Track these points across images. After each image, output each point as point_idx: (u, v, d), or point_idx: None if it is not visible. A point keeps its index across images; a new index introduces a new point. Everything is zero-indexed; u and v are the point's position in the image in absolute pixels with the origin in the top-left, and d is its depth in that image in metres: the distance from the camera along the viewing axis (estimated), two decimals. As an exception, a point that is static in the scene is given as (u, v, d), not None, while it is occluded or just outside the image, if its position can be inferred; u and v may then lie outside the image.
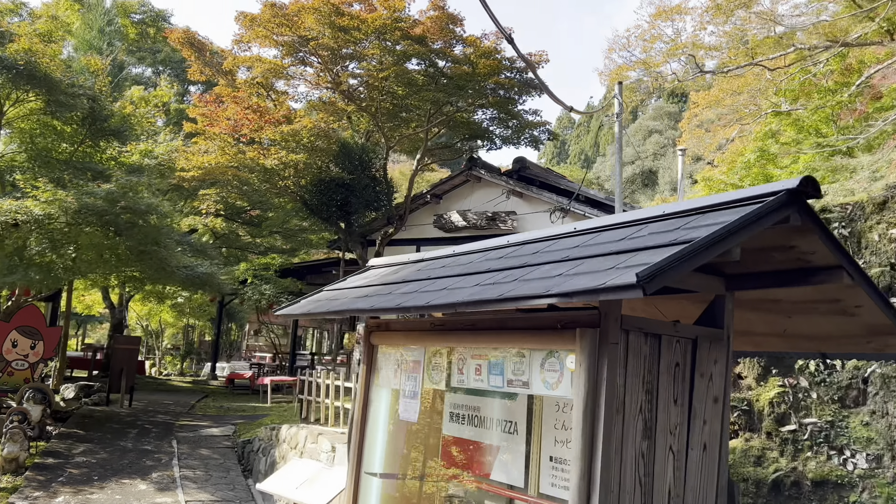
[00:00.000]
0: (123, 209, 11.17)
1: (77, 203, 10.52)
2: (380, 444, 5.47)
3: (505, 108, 17.67)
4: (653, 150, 53.25)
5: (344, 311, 4.88)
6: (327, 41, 17.21)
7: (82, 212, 10.80)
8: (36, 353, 13.35)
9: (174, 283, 12.95)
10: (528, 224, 18.30)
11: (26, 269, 11.04)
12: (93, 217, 10.89)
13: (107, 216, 11.00)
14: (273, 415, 13.70)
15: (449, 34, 17.58)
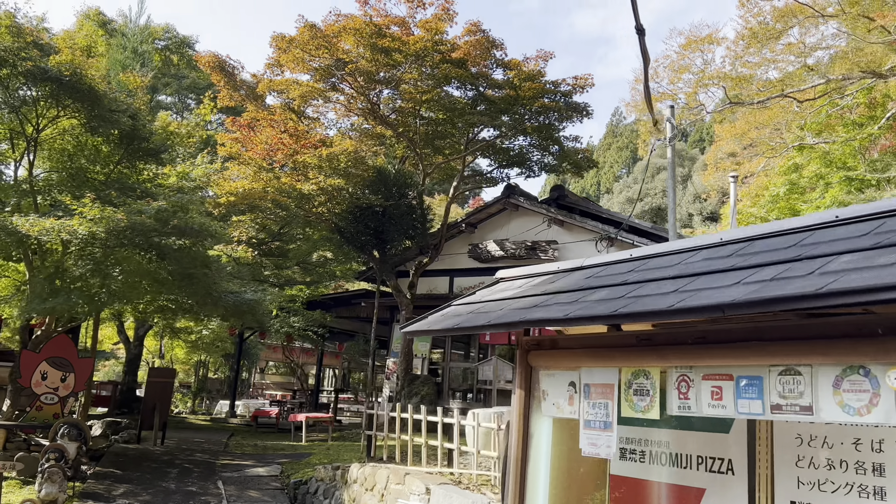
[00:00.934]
0: (174, 229, 10.40)
1: (127, 220, 9.75)
2: (542, 488, 4.66)
3: (547, 134, 17.04)
4: (661, 188, 52.87)
5: (512, 324, 4.08)
6: (364, 64, 16.64)
7: (127, 232, 10.03)
8: (66, 387, 12.47)
9: (217, 312, 12.13)
10: (569, 254, 17.60)
11: (68, 294, 10.22)
12: (140, 237, 10.12)
13: (156, 236, 10.23)
14: (318, 453, 12.83)
15: (489, 58, 17.06)
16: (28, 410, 12.25)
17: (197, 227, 10.88)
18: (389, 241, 17.34)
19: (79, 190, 11.96)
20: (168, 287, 11.27)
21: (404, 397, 17.08)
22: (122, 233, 10.07)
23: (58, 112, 11.58)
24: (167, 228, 10.31)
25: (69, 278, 10.56)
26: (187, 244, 10.98)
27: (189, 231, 10.69)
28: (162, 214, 10.35)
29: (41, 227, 9.82)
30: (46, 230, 9.81)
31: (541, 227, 18.03)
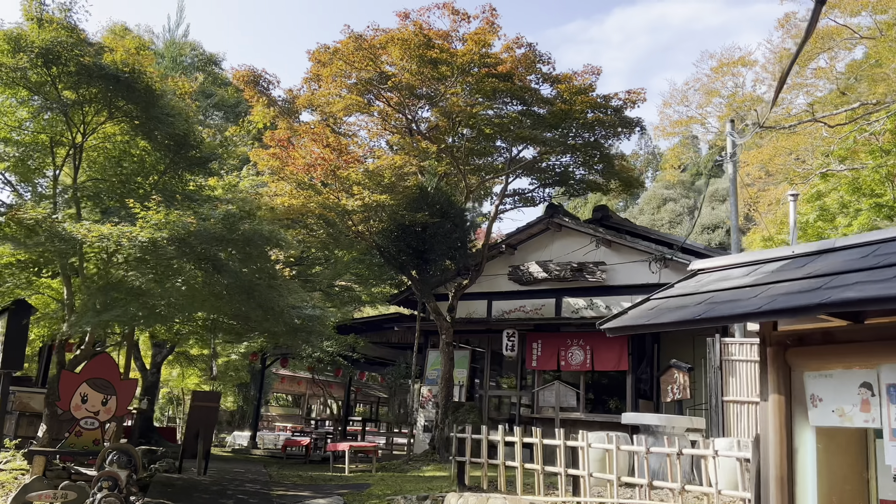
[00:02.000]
0: (241, 236, 9.61)
1: (196, 225, 8.97)
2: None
3: (594, 150, 16.43)
4: (668, 218, 52.40)
5: (805, 308, 3.33)
6: (407, 78, 16.05)
7: (190, 238, 9.24)
8: (108, 410, 11.53)
9: (278, 328, 11.26)
10: (618, 275, 16.94)
11: (126, 306, 9.39)
12: (204, 244, 9.32)
13: (218, 245, 9.43)
14: (375, 484, 11.95)
15: (535, 72, 16.50)
16: (66, 436, 11.31)
17: (266, 234, 10.09)
18: (431, 261, 16.58)
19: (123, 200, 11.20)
20: (226, 301, 10.42)
21: (448, 426, 16.22)
22: (184, 240, 9.28)
23: (109, 114, 10.81)
24: (234, 235, 9.52)
25: (124, 289, 9.73)
26: (253, 254, 10.19)
27: (257, 238, 9.90)
28: (231, 218, 9.58)
29: (98, 233, 9.03)
30: (104, 236, 9.01)
31: (587, 247, 17.35)
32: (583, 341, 16.08)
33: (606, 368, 15.59)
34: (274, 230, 10.57)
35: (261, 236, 9.99)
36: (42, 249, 9.33)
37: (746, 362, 12.05)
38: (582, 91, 15.95)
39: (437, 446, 16.63)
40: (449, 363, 17.11)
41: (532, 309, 17.99)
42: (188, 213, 9.26)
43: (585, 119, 15.71)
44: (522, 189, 18.47)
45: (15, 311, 11.02)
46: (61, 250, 9.20)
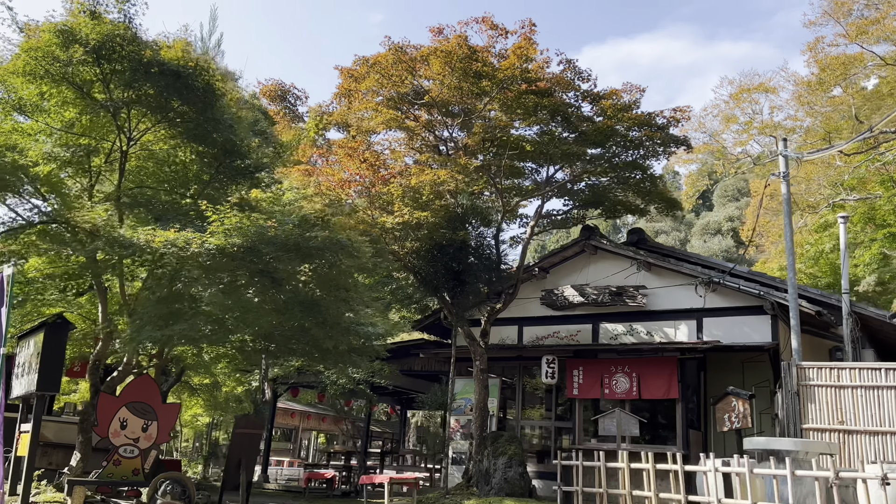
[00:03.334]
0: (319, 244, 8.83)
1: (275, 230, 8.20)
2: None
3: (639, 169, 15.91)
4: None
5: None
6: (445, 94, 15.48)
7: (261, 246, 8.46)
8: (148, 437, 10.63)
9: (342, 348, 10.42)
10: (659, 300, 16.37)
11: (192, 319, 8.56)
12: (280, 253, 8.54)
13: (295, 252, 8.65)
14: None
15: (574, 89, 16.02)
16: (104, 465, 10.38)
17: (344, 242, 9.31)
18: (467, 283, 15.87)
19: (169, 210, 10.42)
20: (288, 315, 9.57)
21: (487, 457, 15.40)
22: (253, 247, 8.50)
23: (161, 117, 10.04)
24: (311, 243, 8.73)
25: (185, 301, 8.90)
26: (325, 264, 9.40)
27: (332, 247, 9.12)
28: (307, 222, 8.82)
29: (164, 239, 8.24)
30: (170, 241, 8.22)
31: (627, 271, 16.76)
32: (628, 368, 15.39)
33: (655, 396, 14.88)
34: (353, 237, 9.78)
35: (338, 245, 9.20)
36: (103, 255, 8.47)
37: (826, 387, 11.44)
38: (625, 108, 15.47)
39: (473, 479, 15.76)
40: (483, 391, 16.33)
41: (567, 335, 17.32)
42: (262, 217, 8.48)
43: (630, 137, 15.20)
44: (555, 210, 17.89)
45: (53, 327, 10.16)
46: (119, 256, 8.38)
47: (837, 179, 27.74)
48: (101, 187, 10.77)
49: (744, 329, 15.37)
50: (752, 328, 15.32)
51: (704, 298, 15.74)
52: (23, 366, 10.75)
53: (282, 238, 8.54)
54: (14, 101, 9.75)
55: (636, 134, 15.19)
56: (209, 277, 8.71)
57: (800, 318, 13.74)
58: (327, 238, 9.08)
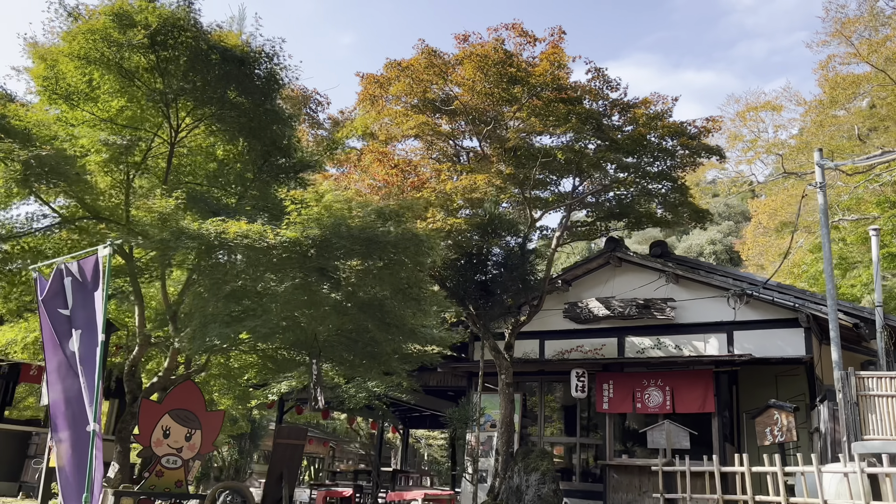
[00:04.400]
0: (394, 238, 8.35)
1: (357, 221, 7.73)
2: None
3: (669, 180, 15.71)
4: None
5: None
6: (474, 100, 15.20)
7: (335, 240, 7.99)
8: (192, 447, 10.02)
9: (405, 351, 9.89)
10: (687, 313, 16.10)
11: (265, 315, 8.03)
12: (357, 246, 8.06)
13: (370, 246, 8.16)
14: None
15: (603, 98, 15.83)
16: (146, 476, 9.75)
17: (422, 236, 8.84)
18: (494, 294, 15.46)
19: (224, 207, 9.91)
20: (350, 315, 9.04)
21: (518, 473, 14.92)
22: (327, 240, 8.02)
23: (217, 108, 9.55)
24: (388, 238, 8.25)
25: (252, 297, 8.37)
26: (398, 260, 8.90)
27: (407, 241, 8.62)
28: (384, 213, 8.36)
29: (238, 230, 7.73)
30: (244, 233, 7.72)
31: (654, 283, 16.50)
32: (661, 381, 15.06)
33: (690, 410, 14.54)
34: (428, 230, 9.32)
35: (414, 240, 8.74)
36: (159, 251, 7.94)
37: (889, 398, 11.19)
38: (658, 117, 15.29)
39: (500, 496, 15.26)
40: (509, 406, 15.88)
41: (591, 349, 16.97)
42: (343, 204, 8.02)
43: (663, 146, 15.00)
44: (578, 222, 17.60)
45: (94, 329, 9.52)
46: (187, 249, 7.84)
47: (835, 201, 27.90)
48: (139, 182, 10.22)
49: (776, 342, 15.14)
50: (784, 341, 15.09)
51: (736, 311, 15.49)
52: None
53: (356, 231, 8.06)
54: (63, 88, 9.20)
55: (670, 143, 14.96)
56: (279, 273, 8.19)
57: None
58: (406, 231, 8.62)
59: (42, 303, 6.09)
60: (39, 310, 6.16)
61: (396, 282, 9.04)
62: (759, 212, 27.75)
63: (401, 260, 8.71)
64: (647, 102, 15.28)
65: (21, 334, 10.37)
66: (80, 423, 5.67)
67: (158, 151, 10.04)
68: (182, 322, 9.20)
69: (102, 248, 5.78)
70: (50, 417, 5.91)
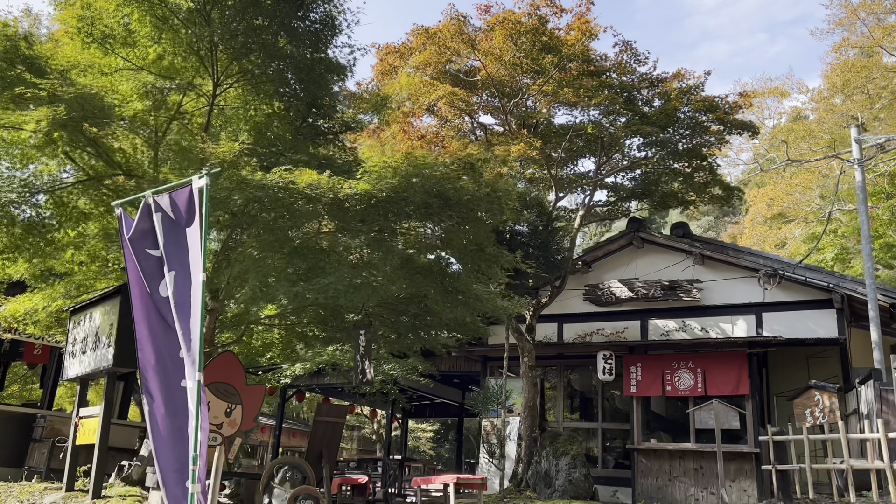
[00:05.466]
0: (474, 193, 7.65)
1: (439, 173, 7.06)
2: None
3: (699, 157, 15.26)
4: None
5: None
6: (501, 72, 14.63)
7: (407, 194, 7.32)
8: (232, 423, 9.26)
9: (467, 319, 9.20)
10: (714, 295, 15.69)
11: (337, 271, 7.32)
12: (433, 199, 7.38)
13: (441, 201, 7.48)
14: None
15: (631, 72, 15.37)
16: (186, 454, 9.00)
17: (500, 192, 8.16)
18: (522, 273, 14.89)
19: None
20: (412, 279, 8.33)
21: (546, 458, 14.38)
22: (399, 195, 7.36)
23: (265, 58, 8.82)
24: (463, 196, 7.57)
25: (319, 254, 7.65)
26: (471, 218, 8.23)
27: (484, 198, 7.94)
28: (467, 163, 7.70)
29: (309, 180, 7.04)
30: (315, 184, 7.03)
31: (680, 264, 16.07)
32: (692, 363, 14.62)
33: (723, 393, 14.07)
34: (509, 188, 8.64)
35: (490, 197, 8.05)
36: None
37: (950, 375, 10.83)
38: (689, 91, 14.85)
39: (526, 482, 14.70)
40: (533, 389, 15.35)
41: (612, 332, 16.49)
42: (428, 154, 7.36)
43: (699, 120, 14.55)
44: (599, 202, 17.10)
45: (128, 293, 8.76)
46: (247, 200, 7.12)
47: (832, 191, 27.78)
48: (175, 137, 9.45)
49: (808, 324, 14.78)
50: (816, 323, 14.73)
51: (765, 292, 15.11)
52: (83, 341, 9.29)
53: (431, 183, 7.40)
54: (99, 30, 8.42)
55: (704, 118, 14.51)
56: (351, 228, 7.51)
57: (868, 312, 13.25)
58: (485, 186, 7.97)
59: (128, 242, 5.36)
60: (125, 251, 5.42)
61: (467, 242, 8.40)
62: (758, 201, 27.51)
63: (475, 216, 8.06)
64: (679, 76, 14.84)
65: (42, 303, 9.54)
66: (173, 377, 4.97)
67: (196, 106, 9.29)
68: (231, 285, 8.46)
69: (197, 179, 5.09)
70: (139, 373, 5.18)
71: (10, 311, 9.68)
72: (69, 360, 9.65)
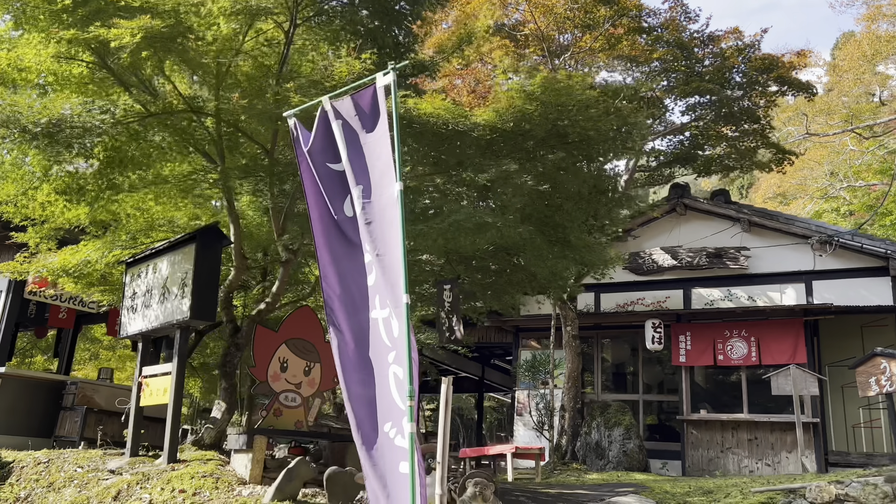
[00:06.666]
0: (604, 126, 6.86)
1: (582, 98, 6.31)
2: None
3: (752, 118, 14.73)
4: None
5: None
6: (551, 26, 13.97)
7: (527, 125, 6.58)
8: (311, 382, 8.55)
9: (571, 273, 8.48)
10: (761, 262, 15.22)
11: (460, 209, 6.58)
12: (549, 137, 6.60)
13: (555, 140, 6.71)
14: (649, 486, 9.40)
15: (682, 30, 14.79)
16: (263, 415, 8.28)
17: (630, 120, 7.29)
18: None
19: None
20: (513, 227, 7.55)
21: (596, 429, 13.85)
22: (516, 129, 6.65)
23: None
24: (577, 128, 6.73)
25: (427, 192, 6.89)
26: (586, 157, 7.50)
27: (612, 134, 7.15)
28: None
29: (433, 108, 6.28)
30: (436, 111, 6.28)
31: (726, 231, 15.56)
32: (745, 332, 14.15)
33: (778, 362, 13.59)
34: (641, 123, 7.84)
35: (620, 132, 7.27)
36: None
37: None
38: (743, 50, 14.31)
39: (572, 453, 14.15)
40: (576, 359, 14.79)
41: (654, 301, 15.96)
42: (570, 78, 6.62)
43: (756, 79, 14.01)
44: (640, 166, 16.52)
45: (206, 239, 8.00)
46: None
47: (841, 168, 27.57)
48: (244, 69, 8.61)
49: (860, 292, 14.36)
50: (869, 291, 14.31)
51: (815, 259, 14.68)
52: (146, 294, 8.46)
53: (553, 117, 6.67)
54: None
55: (762, 77, 13.97)
56: (477, 161, 6.75)
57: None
58: (619, 118, 7.20)
59: (307, 156, 4.58)
60: (302, 168, 4.64)
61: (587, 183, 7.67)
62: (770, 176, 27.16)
63: (599, 150, 7.31)
64: (736, 32, 14.26)
65: (97, 253, 8.70)
66: (361, 307, 4.25)
67: (270, 37, 8.47)
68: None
69: (382, 76, 4.35)
70: (325, 304, 4.43)
71: (60, 262, 8.83)
72: (127, 315, 8.83)
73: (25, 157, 7.27)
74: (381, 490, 3.99)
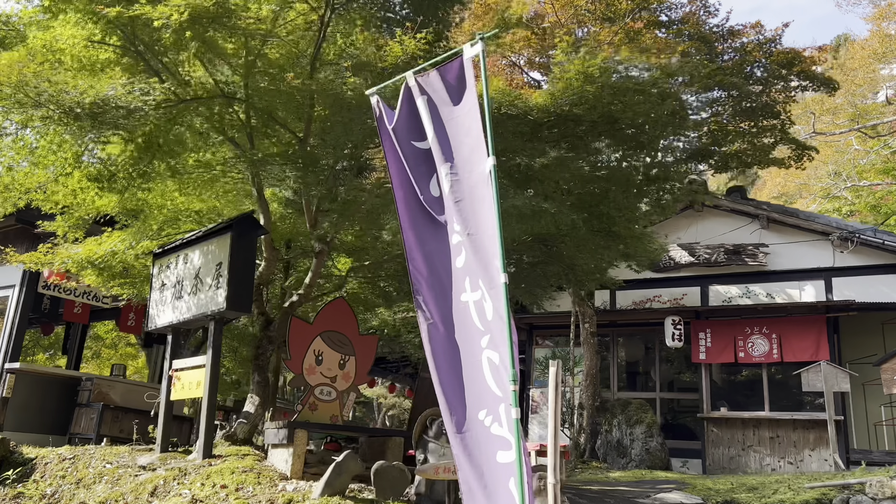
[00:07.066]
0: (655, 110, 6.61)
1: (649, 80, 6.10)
2: None
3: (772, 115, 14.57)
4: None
5: None
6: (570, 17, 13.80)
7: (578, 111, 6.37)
8: (346, 376, 8.33)
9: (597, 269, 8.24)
10: (779, 259, 15.09)
11: (512, 197, 6.33)
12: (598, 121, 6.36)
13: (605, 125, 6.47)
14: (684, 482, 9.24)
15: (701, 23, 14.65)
16: (299, 409, 8.05)
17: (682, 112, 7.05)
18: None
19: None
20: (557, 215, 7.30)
21: (617, 427, 13.68)
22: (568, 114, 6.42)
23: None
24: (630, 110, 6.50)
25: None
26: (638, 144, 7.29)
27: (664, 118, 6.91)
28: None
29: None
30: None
31: (745, 228, 15.44)
32: (767, 328, 14.01)
33: (801, 359, 13.46)
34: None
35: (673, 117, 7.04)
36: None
37: None
38: (765, 45, 14.17)
39: (592, 451, 13.97)
40: (595, 357, 14.61)
41: (670, 299, 15.81)
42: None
43: (778, 73, 13.86)
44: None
45: (242, 228, 7.75)
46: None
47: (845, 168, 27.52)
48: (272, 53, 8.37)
49: (881, 289, 14.25)
50: (890, 287, 14.21)
51: (835, 256, 14.56)
52: (177, 286, 8.21)
53: (608, 100, 6.46)
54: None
55: (784, 72, 13.83)
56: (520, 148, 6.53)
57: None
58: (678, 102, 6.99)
59: (391, 135, 4.35)
60: (386, 147, 4.42)
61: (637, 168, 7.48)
62: (775, 175, 27.14)
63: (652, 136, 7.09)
64: (758, 26, 14.11)
65: (125, 243, 8.44)
66: (449, 290, 4.03)
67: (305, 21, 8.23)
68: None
69: (469, 47, 4.15)
70: (412, 288, 4.21)
71: (85, 253, 8.56)
72: (156, 308, 8.57)
73: (59, 143, 7.01)
74: (477, 481, 3.78)
